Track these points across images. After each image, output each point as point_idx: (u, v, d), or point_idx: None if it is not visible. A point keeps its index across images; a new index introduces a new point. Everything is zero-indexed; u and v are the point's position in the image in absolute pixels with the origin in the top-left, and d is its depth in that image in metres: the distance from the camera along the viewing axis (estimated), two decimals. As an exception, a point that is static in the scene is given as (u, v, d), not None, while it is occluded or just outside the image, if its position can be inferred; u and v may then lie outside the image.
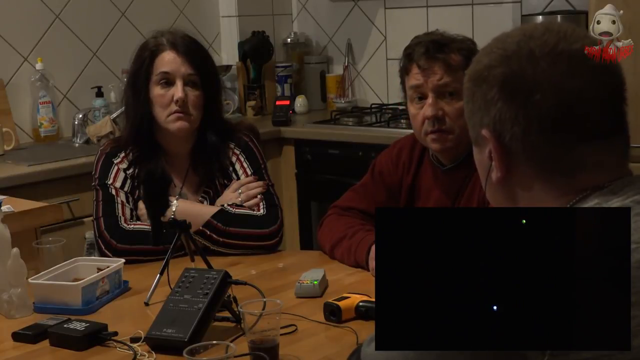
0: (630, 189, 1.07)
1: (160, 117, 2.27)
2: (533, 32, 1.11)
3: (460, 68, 1.99)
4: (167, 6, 4.15)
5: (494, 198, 1.19)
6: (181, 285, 1.68)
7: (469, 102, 1.16)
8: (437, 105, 2.01)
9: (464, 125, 1.99)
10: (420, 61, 2.02)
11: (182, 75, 2.26)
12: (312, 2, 4.45)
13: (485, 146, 1.14)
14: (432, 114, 2.00)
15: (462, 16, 3.86)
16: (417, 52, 2.03)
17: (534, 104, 1.08)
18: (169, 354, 1.57)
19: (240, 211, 2.25)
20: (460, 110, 1.99)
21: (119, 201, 2.26)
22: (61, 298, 1.83)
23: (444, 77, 2.00)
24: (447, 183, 2.09)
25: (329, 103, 4.33)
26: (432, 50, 2.01)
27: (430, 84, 2.01)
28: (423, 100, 2.03)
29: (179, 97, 2.23)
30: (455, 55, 2.01)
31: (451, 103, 2.01)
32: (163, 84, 2.26)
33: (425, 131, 2.03)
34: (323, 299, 1.78)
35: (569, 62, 1.08)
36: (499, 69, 1.11)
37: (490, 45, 1.15)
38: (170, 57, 2.26)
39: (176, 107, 2.24)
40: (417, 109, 2.04)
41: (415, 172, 2.16)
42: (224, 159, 2.34)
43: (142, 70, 2.27)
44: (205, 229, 2.20)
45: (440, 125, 2.01)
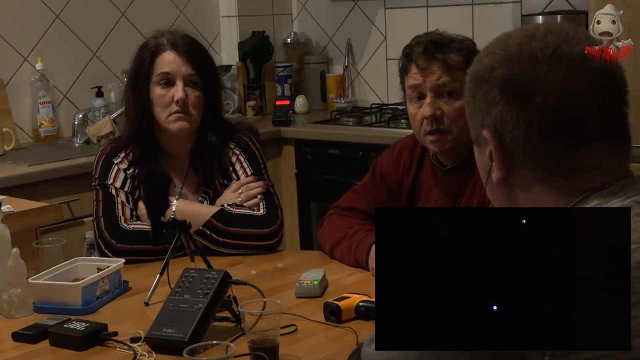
0: (630, 190, 1.07)
1: (161, 118, 2.27)
2: (535, 34, 1.11)
3: (459, 68, 1.99)
4: (167, 6, 4.15)
5: (494, 198, 1.19)
6: (181, 285, 1.68)
7: (470, 103, 1.16)
8: (436, 105, 2.01)
9: (462, 125, 2.01)
10: (418, 61, 2.02)
11: (183, 75, 2.26)
12: (312, 2, 4.45)
13: (486, 146, 1.14)
14: (430, 113, 2.00)
15: (462, 16, 3.86)
16: (416, 51, 2.03)
17: (535, 107, 1.07)
18: (169, 354, 1.57)
19: (240, 211, 2.25)
20: (459, 110, 1.99)
21: (119, 201, 2.26)
22: (61, 298, 1.83)
23: (443, 76, 2.00)
24: (447, 183, 2.09)
25: (329, 103, 4.33)
26: (430, 50, 2.01)
27: (429, 83, 2.01)
28: (422, 100, 2.03)
29: (179, 97, 2.23)
30: (454, 55, 2.01)
31: (449, 103, 2.01)
32: (163, 84, 2.26)
33: (424, 131, 2.03)
34: (323, 299, 1.78)
35: (571, 65, 1.08)
36: (500, 70, 1.11)
37: (491, 45, 1.15)
38: (170, 57, 2.26)
39: (176, 108, 2.24)
40: (415, 109, 2.04)
41: (416, 172, 2.16)
42: (224, 159, 2.34)
43: (143, 70, 2.27)
44: (205, 229, 2.20)
45: (438, 125, 2.01)
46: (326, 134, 3.71)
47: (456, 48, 2.03)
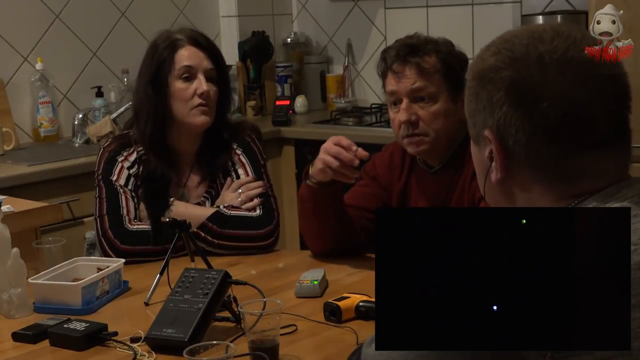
0: (628, 191, 1.07)
1: (182, 112, 2.25)
2: (542, 35, 1.10)
3: (436, 71, 2.00)
4: (167, 6, 4.15)
5: (491, 197, 1.19)
6: (181, 285, 1.68)
7: (472, 101, 1.15)
8: (411, 109, 2.02)
9: (439, 128, 2.03)
10: (393, 65, 2.03)
11: (204, 69, 2.26)
12: (312, 2, 4.45)
13: (486, 146, 1.14)
14: (406, 118, 2.01)
15: (462, 16, 3.86)
16: (389, 55, 2.04)
17: (541, 112, 1.07)
18: (169, 354, 1.57)
19: (235, 213, 2.24)
20: (434, 113, 2.01)
21: (123, 199, 2.24)
22: (61, 298, 1.83)
23: (417, 81, 2.00)
24: (435, 186, 2.10)
25: (329, 103, 4.32)
26: (403, 54, 2.01)
27: (403, 89, 2.02)
28: (398, 105, 2.04)
29: (203, 90, 2.23)
30: (429, 57, 2.01)
31: (425, 107, 2.02)
32: (185, 78, 2.25)
33: (402, 135, 2.05)
34: (323, 299, 1.78)
35: (578, 71, 1.08)
36: (506, 71, 1.09)
37: (496, 44, 1.13)
38: (191, 51, 2.26)
39: (200, 101, 2.23)
40: (394, 113, 2.06)
41: (407, 176, 2.16)
42: (228, 158, 2.34)
43: (164, 65, 2.25)
44: (200, 231, 2.19)
45: (413, 129, 2.02)
46: (326, 134, 3.64)
47: (433, 50, 2.02)
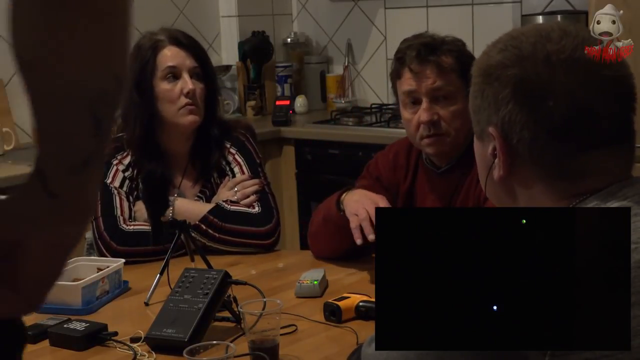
0: (629, 191, 1.07)
1: (169, 112, 2.24)
2: (550, 34, 1.10)
3: (452, 70, 1.98)
4: (167, 6, 4.15)
5: (493, 193, 1.19)
6: (181, 285, 1.68)
7: (477, 98, 1.15)
8: (432, 109, 1.98)
9: (459, 127, 2.01)
10: (412, 65, 1.98)
11: (188, 68, 2.25)
12: (312, 2, 4.45)
13: (490, 143, 1.13)
14: (428, 119, 1.97)
15: (462, 16, 3.86)
16: (409, 55, 1.99)
17: (546, 111, 1.07)
18: (169, 354, 1.57)
19: (235, 208, 2.24)
20: (454, 112, 1.98)
21: (118, 201, 2.24)
22: (61, 298, 1.83)
23: (437, 80, 1.97)
24: (441, 186, 2.07)
25: (329, 103, 4.32)
26: (423, 53, 1.98)
27: (424, 88, 1.98)
28: (417, 105, 2.00)
29: (190, 89, 2.22)
30: (446, 57, 1.99)
31: (445, 107, 1.98)
32: (170, 79, 2.25)
33: (420, 136, 2.01)
34: (323, 299, 1.78)
35: (585, 71, 1.08)
36: (513, 69, 1.09)
37: (503, 41, 1.13)
38: (173, 51, 2.26)
39: (186, 100, 2.22)
40: (411, 114, 2.01)
41: (413, 177, 2.14)
42: (221, 158, 2.34)
43: (147, 67, 2.25)
44: (201, 224, 2.20)
45: (436, 130, 1.98)
46: (326, 134, 3.71)
47: (448, 50, 2.00)
